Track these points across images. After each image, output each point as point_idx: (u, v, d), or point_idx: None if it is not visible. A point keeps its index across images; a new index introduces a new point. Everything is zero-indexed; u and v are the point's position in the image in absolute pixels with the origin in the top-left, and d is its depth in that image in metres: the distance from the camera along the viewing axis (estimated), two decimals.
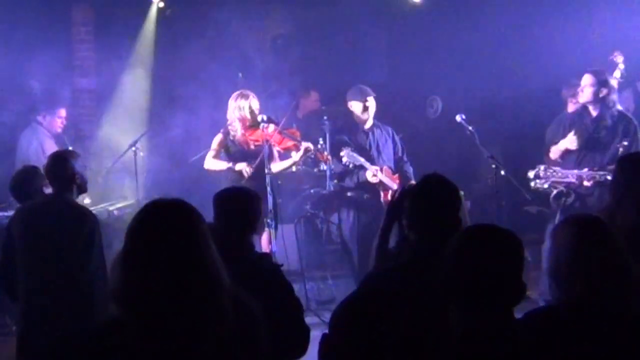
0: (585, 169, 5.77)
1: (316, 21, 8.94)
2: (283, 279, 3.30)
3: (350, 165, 6.13)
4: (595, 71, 5.89)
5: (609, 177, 5.47)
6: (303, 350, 3.18)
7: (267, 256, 3.66)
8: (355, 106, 6.45)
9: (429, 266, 2.45)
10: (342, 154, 6.10)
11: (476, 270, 2.15)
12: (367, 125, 6.49)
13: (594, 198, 5.74)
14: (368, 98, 6.39)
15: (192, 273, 2.00)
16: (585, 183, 5.71)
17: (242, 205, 3.34)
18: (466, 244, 2.22)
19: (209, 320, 2.00)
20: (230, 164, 6.05)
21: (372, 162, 6.31)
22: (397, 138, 6.67)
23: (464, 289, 2.16)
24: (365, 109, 6.40)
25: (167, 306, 1.96)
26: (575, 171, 5.76)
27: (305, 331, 3.22)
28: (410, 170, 6.60)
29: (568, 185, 5.74)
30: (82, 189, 4.26)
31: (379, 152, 6.49)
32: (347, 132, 6.48)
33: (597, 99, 5.86)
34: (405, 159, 6.67)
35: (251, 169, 5.91)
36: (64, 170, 4.14)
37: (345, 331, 1.69)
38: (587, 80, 5.87)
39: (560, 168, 5.80)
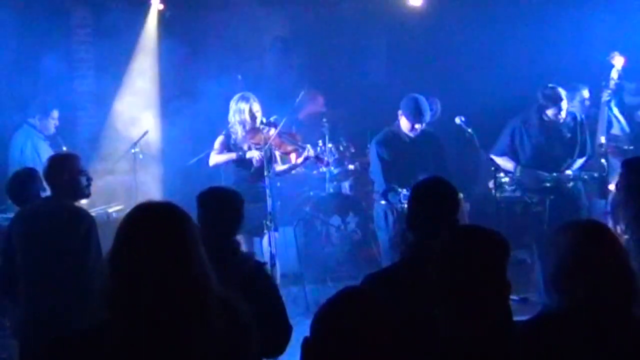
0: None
1: (315, 23, 8.93)
2: (267, 280, 3.36)
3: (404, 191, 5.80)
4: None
5: (585, 177, 6.40)
6: (282, 349, 3.29)
7: (252, 256, 3.67)
8: (404, 120, 6.15)
9: (425, 267, 2.46)
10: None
11: (460, 270, 2.17)
12: (412, 135, 6.20)
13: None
14: (417, 126, 6.13)
15: (179, 276, 2.00)
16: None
17: (229, 205, 3.34)
18: (451, 244, 2.26)
19: (195, 322, 2.00)
20: (240, 152, 6.01)
21: (413, 173, 5.87)
22: (440, 146, 6.41)
23: (449, 289, 2.17)
24: (412, 129, 6.13)
25: (153, 309, 1.96)
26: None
27: (286, 331, 3.30)
28: None
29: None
30: (81, 192, 4.24)
31: (420, 163, 6.15)
32: (388, 144, 6.20)
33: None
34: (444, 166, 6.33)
35: (261, 155, 5.87)
36: (61, 173, 4.14)
37: (325, 334, 1.68)
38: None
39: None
